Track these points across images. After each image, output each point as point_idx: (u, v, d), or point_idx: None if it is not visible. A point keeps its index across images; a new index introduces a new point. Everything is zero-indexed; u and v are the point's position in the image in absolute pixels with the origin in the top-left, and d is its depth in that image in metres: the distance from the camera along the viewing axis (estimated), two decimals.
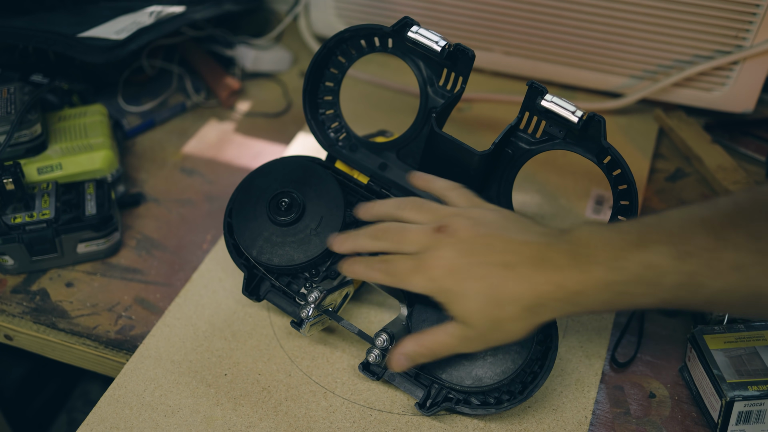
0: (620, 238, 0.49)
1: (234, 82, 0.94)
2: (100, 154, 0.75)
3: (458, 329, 0.52)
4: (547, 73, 0.92)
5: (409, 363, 0.55)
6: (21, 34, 0.78)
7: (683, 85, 0.86)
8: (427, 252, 0.52)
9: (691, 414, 0.60)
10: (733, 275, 0.46)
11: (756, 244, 0.45)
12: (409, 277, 0.53)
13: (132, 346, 0.65)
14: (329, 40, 0.64)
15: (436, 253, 0.52)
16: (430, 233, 0.53)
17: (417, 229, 0.54)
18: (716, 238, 0.46)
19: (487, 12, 0.89)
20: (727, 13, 0.79)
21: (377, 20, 0.95)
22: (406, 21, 0.61)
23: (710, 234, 0.46)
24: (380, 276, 0.55)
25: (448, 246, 0.52)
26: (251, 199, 0.64)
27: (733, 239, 0.46)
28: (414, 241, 0.54)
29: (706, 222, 0.47)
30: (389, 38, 0.64)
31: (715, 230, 0.46)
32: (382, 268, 0.55)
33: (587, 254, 0.49)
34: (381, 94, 0.95)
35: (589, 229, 0.50)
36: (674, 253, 0.47)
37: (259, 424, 0.58)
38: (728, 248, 0.46)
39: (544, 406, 0.59)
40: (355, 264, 0.57)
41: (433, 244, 0.52)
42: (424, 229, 0.54)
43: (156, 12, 0.85)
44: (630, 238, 0.48)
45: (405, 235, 0.54)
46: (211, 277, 0.70)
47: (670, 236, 0.47)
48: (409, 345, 0.54)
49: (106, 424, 0.58)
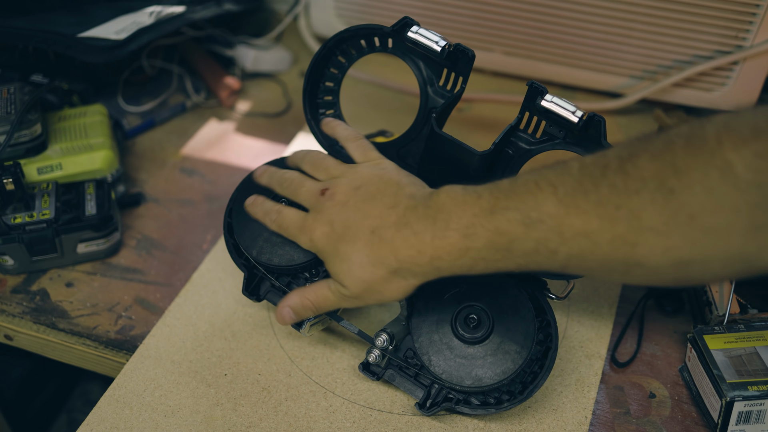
0: (475, 204, 0.50)
1: (234, 82, 0.94)
2: (100, 154, 0.75)
3: (337, 286, 0.56)
4: (547, 73, 0.92)
5: (294, 316, 0.59)
6: (21, 34, 0.78)
7: (683, 85, 0.86)
8: (311, 213, 0.57)
9: (691, 414, 0.60)
10: (582, 241, 0.46)
11: (600, 210, 0.45)
12: (296, 234, 0.58)
13: (132, 346, 0.65)
14: (329, 40, 0.64)
15: (317, 215, 0.57)
16: (316, 194, 0.58)
17: (308, 187, 0.59)
18: (564, 204, 0.46)
19: (487, 12, 0.89)
20: (727, 13, 0.80)
21: (377, 20, 0.95)
22: (406, 21, 0.61)
23: (559, 200, 0.46)
24: (273, 225, 0.60)
25: (327, 209, 0.56)
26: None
27: (579, 205, 0.45)
28: (305, 197, 0.59)
29: (556, 187, 0.47)
30: (389, 38, 0.64)
31: (564, 196, 0.46)
32: (274, 219, 0.60)
33: (444, 219, 0.50)
34: (381, 94, 0.95)
35: (449, 193, 0.52)
36: (523, 219, 0.47)
37: (259, 424, 0.58)
38: (575, 214, 0.46)
39: (544, 406, 0.59)
40: (256, 206, 0.62)
41: (317, 205, 0.57)
42: (313, 189, 0.58)
43: (156, 12, 0.86)
44: (483, 203, 0.49)
45: (299, 190, 0.60)
46: (211, 277, 0.70)
47: (519, 203, 0.48)
48: (293, 297, 0.59)
49: (106, 424, 0.58)
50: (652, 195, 0.43)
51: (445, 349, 0.57)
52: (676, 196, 0.42)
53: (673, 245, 0.43)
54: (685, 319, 0.67)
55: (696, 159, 0.42)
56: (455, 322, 0.58)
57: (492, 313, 0.58)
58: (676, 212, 0.42)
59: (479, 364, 0.56)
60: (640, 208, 0.43)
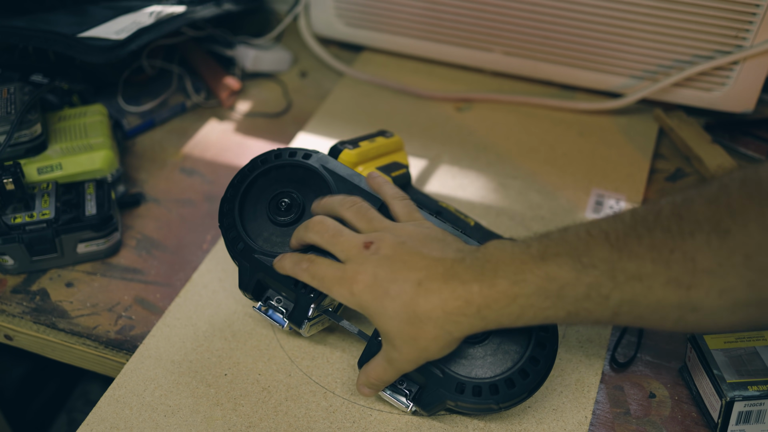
0: (524, 252, 0.49)
1: (234, 82, 0.94)
2: (100, 154, 0.75)
3: (384, 353, 0.55)
4: (547, 73, 0.92)
5: (371, 392, 0.57)
6: (21, 34, 0.78)
7: (683, 85, 0.86)
8: (351, 264, 0.54)
9: (691, 414, 0.60)
10: (635, 285, 0.45)
11: (655, 254, 0.45)
12: (333, 286, 0.54)
13: (132, 346, 0.65)
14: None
15: (359, 267, 0.53)
16: (359, 246, 0.54)
17: (349, 236, 0.56)
18: (617, 249, 0.46)
19: (487, 12, 0.89)
20: (727, 13, 0.79)
21: (377, 20, 0.95)
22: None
23: (611, 245, 0.46)
24: (305, 276, 0.56)
25: (371, 262, 0.53)
26: (251, 199, 0.64)
27: (632, 249, 0.45)
28: (343, 248, 0.55)
29: (608, 234, 0.47)
30: None
31: (616, 241, 0.46)
32: (308, 269, 0.56)
33: (492, 269, 0.49)
34: (381, 94, 0.95)
35: (497, 245, 0.51)
36: (575, 264, 0.47)
37: (259, 424, 0.58)
38: (628, 258, 0.45)
39: (544, 406, 0.59)
40: (284, 259, 0.58)
41: (359, 257, 0.54)
42: (355, 240, 0.55)
43: (156, 12, 0.86)
44: (533, 251, 0.49)
45: (337, 237, 0.56)
46: (211, 277, 0.70)
47: (571, 249, 0.47)
48: (361, 378, 0.57)
49: (106, 424, 0.58)
50: (707, 236, 0.43)
51: None
52: (732, 236, 0.42)
53: (730, 287, 0.43)
54: None
55: (751, 200, 0.42)
56: None
57: None
58: (732, 252, 0.42)
59: (479, 364, 0.56)
60: (695, 249, 0.43)
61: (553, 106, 0.92)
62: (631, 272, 0.45)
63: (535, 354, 0.56)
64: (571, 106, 0.91)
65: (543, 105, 0.92)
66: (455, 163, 0.84)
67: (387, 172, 0.70)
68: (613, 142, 0.87)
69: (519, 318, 0.49)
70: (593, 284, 0.46)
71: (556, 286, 0.47)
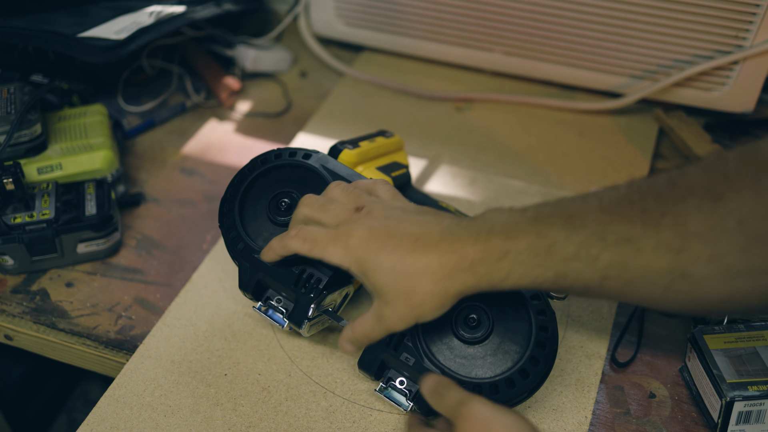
0: (520, 215, 0.50)
1: (234, 82, 0.94)
2: (100, 154, 0.75)
3: (374, 310, 0.54)
4: (547, 73, 0.92)
5: (354, 348, 0.57)
6: (21, 34, 0.78)
7: (683, 85, 0.86)
8: (344, 225, 0.54)
9: (691, 414, 0.60)
10: (624, 247, 0.45)
11: (645, 217, 0.44)
12: (326, 246, 0.54)
13: (132, 346, 0.65)
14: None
15: (353, 224, 0.53)
16: (350, 210, 0.55)
17: (338, 204, 0.56)
18: (608, 212, 0.46)
19: (487, 12, 0.89)
20: (727, 13, 0.79)
21: (377, 20, 0.95)
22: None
23: (603, 209, 0.46)
24: (296, 243, 0.55)
25: (365, 221, 0.53)
26: (251, 199, 0.64)
27: (623, 213, 0.45)
28: (334, 214, 0.55)
29: (602, 199, 0.47)
30: None
31: (609, 206, 0.46)
32: (298, 234, 0.55)
33: (488, 228, 0.50)
34: (381, 94, 0.95)
35: (494, 210, 0.52)
36: (565, 224, 0.47)
37: (259, 424, 0.58)
38: (618, 221, 0.45)
39: (544, 406, 0.59)
40: (270, 244, 0.58)
41: (351, 219, 0.54)
42: (345, 206, 0.56)
43: (156, 12, 0.86)
44: (528, 214, 0.49)
45: (327, 205, 0.56)
46: (211, 277, 0.70)
47: (564, 211, 0.48)
48: (346, 333, 0.56)
49: (106, 424, 0.58)
50: (698, 201, 0.42)
51: (445, 349, 0.57)
52: (725, 201, 0.42)
53: (721, 252, 0.42)
54: (685, 319, 0.67)
55: (748, 167, 0.42)
56: (455, 322, 0.58)
57: (492, 313, 0.57)
58: (724, 217, 0.42)
59: (479, 364, 0.56)
60: (686, 213, 0.43)
61: (553, 106, 0.92)
62: (620, 234, 0.45)
63: (535, 354, 0.56)
64: (571, 106, 0.91)
65: (543, 105, 0.92)
66: (455, 163, 0.84)
67: (387, 172, 0.70)
68: (613, 142, 0.87)
69: (508, 276, 0.49)
70: (583, 243, 0.46)
71: (547, 243, 0.48)
